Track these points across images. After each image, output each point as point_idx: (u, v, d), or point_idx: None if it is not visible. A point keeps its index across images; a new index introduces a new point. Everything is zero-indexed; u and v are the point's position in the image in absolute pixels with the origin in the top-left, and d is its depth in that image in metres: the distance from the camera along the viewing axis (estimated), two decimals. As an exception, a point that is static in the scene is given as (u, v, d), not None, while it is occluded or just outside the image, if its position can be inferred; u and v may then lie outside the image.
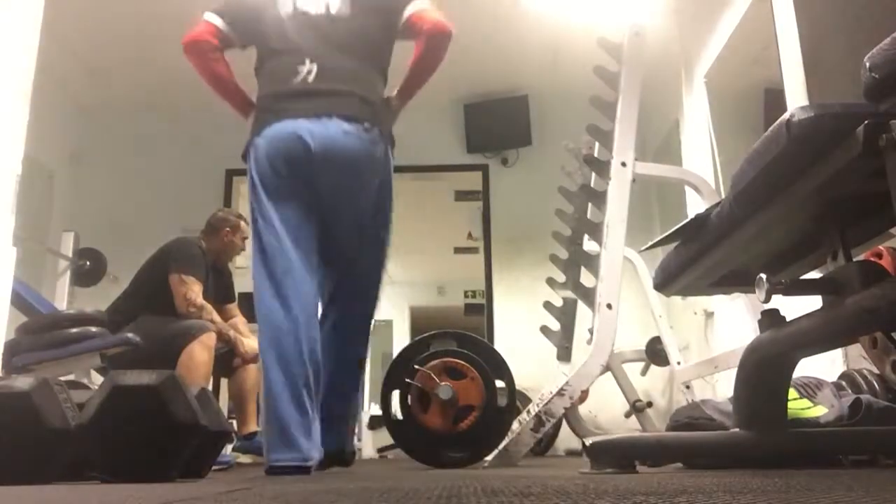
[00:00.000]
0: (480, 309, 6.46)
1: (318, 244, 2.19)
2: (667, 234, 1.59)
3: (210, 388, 2.95)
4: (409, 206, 7.47)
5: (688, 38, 4.30)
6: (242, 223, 3.70)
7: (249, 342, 3.34)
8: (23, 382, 1.64)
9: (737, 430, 1.56)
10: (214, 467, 2.32)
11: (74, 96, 5.35)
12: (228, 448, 3.46)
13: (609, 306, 2.53)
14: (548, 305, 3.06)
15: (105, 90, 5.34)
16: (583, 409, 4.39)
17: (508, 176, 5.46)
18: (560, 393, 2.50)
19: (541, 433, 2.53)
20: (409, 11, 2.43)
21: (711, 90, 4.00)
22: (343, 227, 2.26)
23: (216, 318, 3.30)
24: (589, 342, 2.59)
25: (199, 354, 3.16)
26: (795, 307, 1.39)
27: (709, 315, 4.13)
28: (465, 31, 4.71)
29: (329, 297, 2.32)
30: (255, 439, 3.51)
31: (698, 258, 1.53)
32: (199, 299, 3.28)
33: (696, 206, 3.41)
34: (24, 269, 3.02)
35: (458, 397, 2.39)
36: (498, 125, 5.39)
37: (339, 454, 2.25)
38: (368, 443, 6.87)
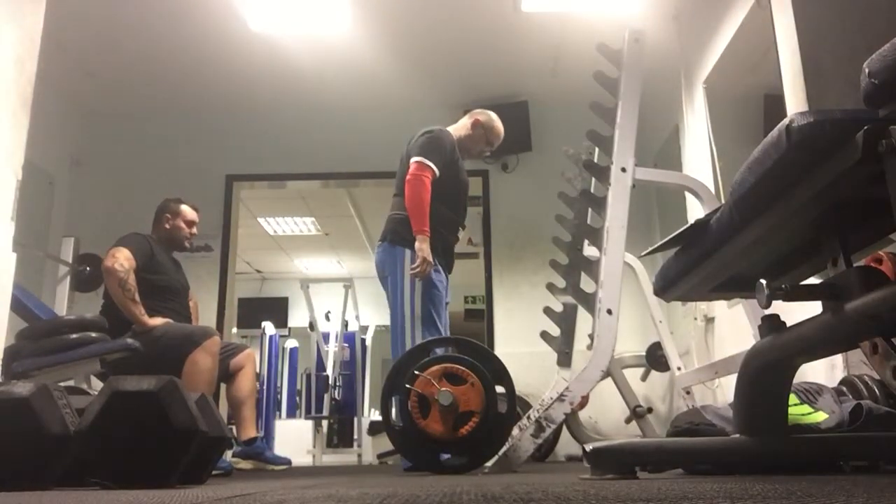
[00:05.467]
0: (480, 314, 6.46)
1: None
2: (667, 239, 1.59)
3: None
4: (409, 212, 7.50)
5: (687, 44, 4.31)
6: (183, 207, 3.67)
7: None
8: (22, 388, 1.64)
9: (737, 435, 1.56)
10: (213, 473, 2.32)
11: (75, 102, 5.36)
12: (228, 454, 3.45)
13: (609, 311, 2.53)
14: (548, 311, 3.06)
15: (105, 96, 5.35)
16: (583, 415, 4.39)
17: (508, 181, 5.46)
18: (560, 398, 2.50)
19: (541, 439, 2.53)
20: None
21: (711, 96, 4.01)
22: None
23: (131, 282, 3.23)
24: (589, 347, 2.59)
25: (203, 361, 3.16)
26: (796, 313, 1.38)
27: (709, 320, 4.13)
28: (466, 36, 4.76)
29: None
30: (256, 444, 3.51)
31: (698, 264, 1.53)
32: (118, 264, 3.24)
33: (696, 211, 3.41)
34: (24, 275, 3.02)
35: (458, 403, 2.38)
36: (498, 130, 5.39)
37: None
38: (368, 448, 6.87)
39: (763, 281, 1.27)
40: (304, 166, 5.56)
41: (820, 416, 1.82)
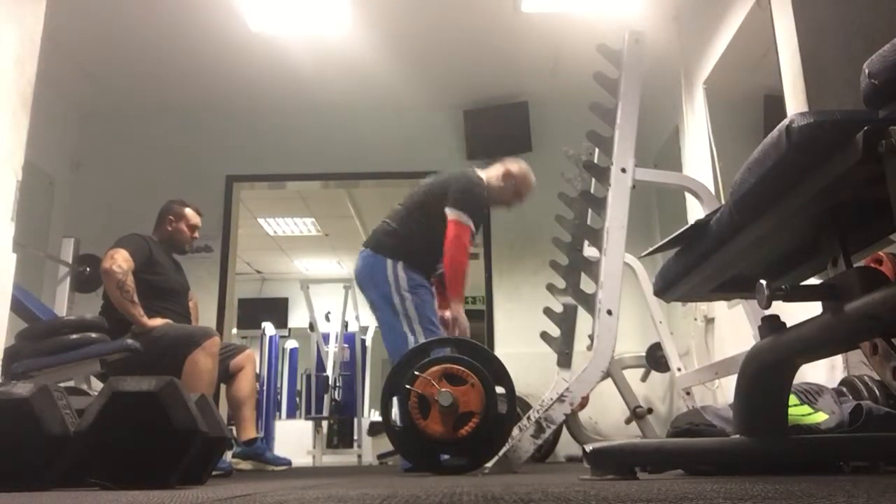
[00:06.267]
0: (480, 315, 6.45)
1: None
2: (667, 239, 1.59)
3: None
4: (410, 212, 7.51)
5: (687, 45, 4.31)
6: (187, 210, 3.67)
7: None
8: (22, 389, 1.64)
9: (737, 436, 1.56)
10: (213, 473, 2.32)
11: (75, 103, 5.36)
12: (228, 455, 3.45)
13: (609, 312, 2.53)
14: (548, 311, 3.06)
15: (105, 97, 5.35)
16: (583, 416, 4.39)
17: (508, 182, 5.45)
18: (560, 399, 2.50)
19: (541, 439, 2.52)
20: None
21: (711, 96, 4.01)
22: None
23: (129, 283, 3.22)
24: (589, 348, 2.58)
25: (204, 362, 3.16)
26: (796, 313, 1.39)
27: (709, 321, 4.13)
28: (466, 37, 4.76)
29: None
30: (256, 445, 3.50)
31: (698, 264, 1.53)
32: (117, 265, 3.22)
33: (696, 212, 3.41)
34: (24, 276, 3.02)
35: (458, 403, 2.38)
36: (498, 131, 5.39)
37: None
38: (368, 449, 6.87)
39: (763, 281, 1.27)
40: (304, 167, 5.56)
41: (820, 417, 1.82)
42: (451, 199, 3.14)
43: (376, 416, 7.37)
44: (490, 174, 3.40)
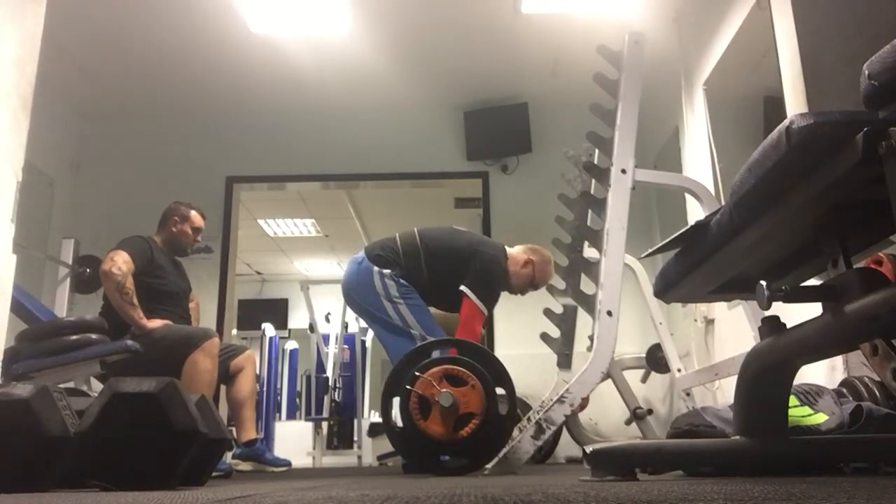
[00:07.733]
0: (480, 316, 6.45)
1: None
2: (667, 241, 1.59)
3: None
4: (409, 214, 7.53)
5: (687, 46, 4.32)
6: (192, 212, 3.66)
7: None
8: (22, 390, 1.64)
9: (737, 437, 1.56)
10: (213, 474, 2.32)
11: (75, 104, 5.36)
12: (228, 456, 3.45)
13: (609, 313, 2.53)
14: (548, 312, 3.06)
15: (105, 98, 5.35)
16: (583, 417, 4.38)
17: (508, 183, 5.46)
18: (560, 400, 2.50)
19: (541, 441, 2.52)
20: None
21: (711, 97, 4.01)
22: None
23: (128, 285, 3.22)
24: (589, 349, 2.59)
25: (203, 363, 3.16)
26: (796, 314, 1.39)
27: (709, 322, 4.13)
28: (466, 38, 4.77)
29: None
30: (256, 446, 3.50)
31: (698, 265, 1.53)
32: (116, 267, 3.21)
33: (696, 213, 3.41)
34: (24, 277, 3.02)
35: (458, 404, 2.38)
36: (498, 132, 5.40)
37: None
38: (368, 450, 6.87)
39: (763, 282, 1.27)
40: (303, 168, 5.57)
41: (820, 418, 1.82)
42: (471, 277, 3.08)
43: (376, 418, 7.37)
44: (514, 255, 3.32)
